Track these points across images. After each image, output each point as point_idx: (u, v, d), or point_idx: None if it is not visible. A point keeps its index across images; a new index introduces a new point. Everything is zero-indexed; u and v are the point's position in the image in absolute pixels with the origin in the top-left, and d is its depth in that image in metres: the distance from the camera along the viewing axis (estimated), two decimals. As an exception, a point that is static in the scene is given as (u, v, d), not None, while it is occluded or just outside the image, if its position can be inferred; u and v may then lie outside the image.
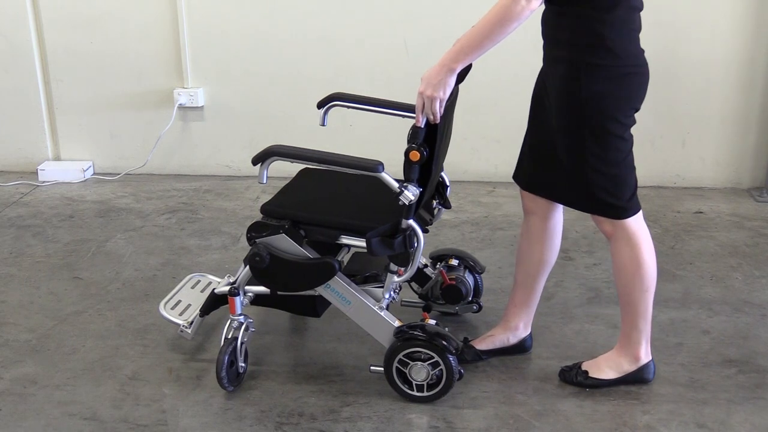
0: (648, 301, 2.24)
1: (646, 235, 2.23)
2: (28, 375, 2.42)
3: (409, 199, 2.05)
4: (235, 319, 2.34)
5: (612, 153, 2.12)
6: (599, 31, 2.01)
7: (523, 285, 2.41)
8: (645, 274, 2.21)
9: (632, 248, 2.20)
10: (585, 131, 2.09)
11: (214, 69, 4.03)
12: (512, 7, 1.90)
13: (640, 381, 2.32)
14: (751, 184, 3.96)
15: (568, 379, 2.34)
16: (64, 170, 4.11)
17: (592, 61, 2.03)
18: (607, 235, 2.24)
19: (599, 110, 2.06)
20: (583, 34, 2.03)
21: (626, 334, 2.30)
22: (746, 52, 3.77)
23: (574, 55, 2.05)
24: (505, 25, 1.92)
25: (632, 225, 2.19)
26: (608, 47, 2.02)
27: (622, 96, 2.08)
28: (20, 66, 4.08)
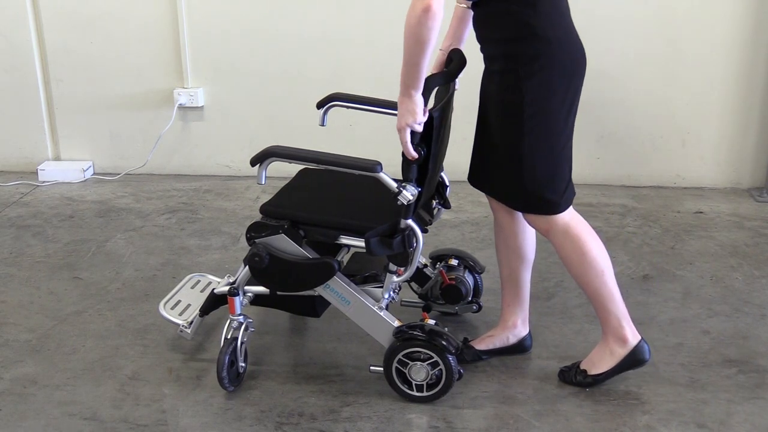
0: (607, 283, 2.23)
1: (581, 222, 2.24)
2: (28, 375, 2.42)
3: (407, 199, 2.05)
4: (234, 319, 2.34)
5: (549, 146, 2.13)
6: (527, 21, 2.04)
7: (509, 282, 2.42)
8: (593, 260, 2.21)
9: (572, 239, 2.20)
10: (522, 126, 2.10)
11: (214, 69, 4.03)
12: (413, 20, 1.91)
13: (639, 363, 2.29)
14: (751, 184, 3.96)
15: (568, 380, 2.34)
16: (64, 170, 4.11)
17: (525, 52, 2.06)
18: (543, 232, 2.24)
19: (536, 101, 2.08)
20: (512, 29, 2.06)
21: (604, 320, 2.29)
22: (746, 53, 3.77)
23: (508, 49, 2.08)
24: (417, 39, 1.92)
25: (566, 218, 2.20)
26: (539, 36, 2.04)
27: (558, 85, 2.09)
28: (20, 66, 4.08)
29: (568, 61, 2.11)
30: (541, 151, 2.13)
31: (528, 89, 2.07)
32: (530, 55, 2.06)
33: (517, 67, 2.07)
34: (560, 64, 2.08)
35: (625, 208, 3.69)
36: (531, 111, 2.09)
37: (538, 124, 2.10)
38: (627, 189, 3.93)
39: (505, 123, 2.14)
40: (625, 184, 3.99)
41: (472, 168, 2.32)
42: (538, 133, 2.11)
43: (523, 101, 2.08)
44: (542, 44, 2.05)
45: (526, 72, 2.06)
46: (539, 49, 2.06)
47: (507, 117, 2.13)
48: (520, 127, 2.11)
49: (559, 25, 2.09)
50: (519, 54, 2.07)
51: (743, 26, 3.73)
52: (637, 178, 3.96)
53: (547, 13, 2.06)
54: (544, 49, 2.06)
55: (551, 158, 2.15)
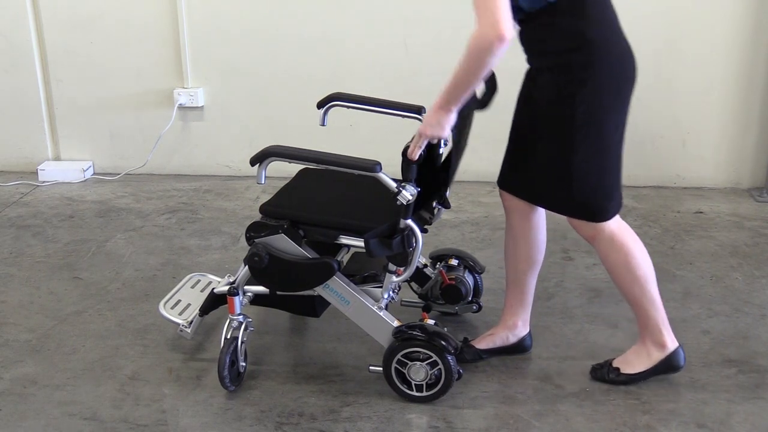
0: (650, 291, 2.24)
1: (627, 230, 2.24)
2: (28, 375, 2.42)
3: (406, 199, 2.05)
4: (234, 319, 2.34)
5: (599, 155, 2.12)
6: (578, 30, 2.03)
7: (514, 284, 2.42)
8: (637, 268, 2.22)
9: (617, 248, 2.21)
10: (574, 136, 2.08)
11: (214, 69, 4.03)
12: (483, 45, 1.89)
13: (672, 369, 2.31)
14: (751, 184, 3.96)
15: (600, 378, 2.34)
16: (64, 170, 4.11)
17: (577, 61, 2.04)
18: (589, 239, 2.24)
19: (589, 111, 2.06)
20: (563, 39, 2.04)
21: (643, 325, 2.30)
22: (746, 52, 3.77)
23: (559, 60, 2.06)
24: (481, 65, 1.92)
25: (612, 224, 2.20)
26: (590, 43, 2.03)
27: (611, 93, 2.08)
28: (20, 66, 4.08)
29: (620, 67, 2.09)
30: (592, 161, 2.11)
31: (581, 99, 2.04)
32: (582, 64, 2.03)
33: (569, 77, 2.04)
34: (612, 71, 2.06)
35: (625, 208, 3.65)
36: (583, 121, 2.06)
37: (589, 133, 2.08)
38: (627, 189, 3.88)
39: (555, 133, 2.11)
40: (625, 184, 3.90)
41: (504, 173, 2.30)
42: (590, 143, 2.09)
43: (576, 112, 2.05)
44: (593, 51, 2.03)
45: (579, 81, 2.04)
46: (591, 56, 2.03)
47: (557, 127, 2.10)
48: (571, 138, 2.08)
49: (609, 31, 2.07)
50: (571, 63, 2.04)
51: (743, 26, 3.73)
52: (637, 178, 3.96)
53: (597, 20, 2.04)
54: (595, 57, 2.03)
55: (602, 167, 2.13)
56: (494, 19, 1.85)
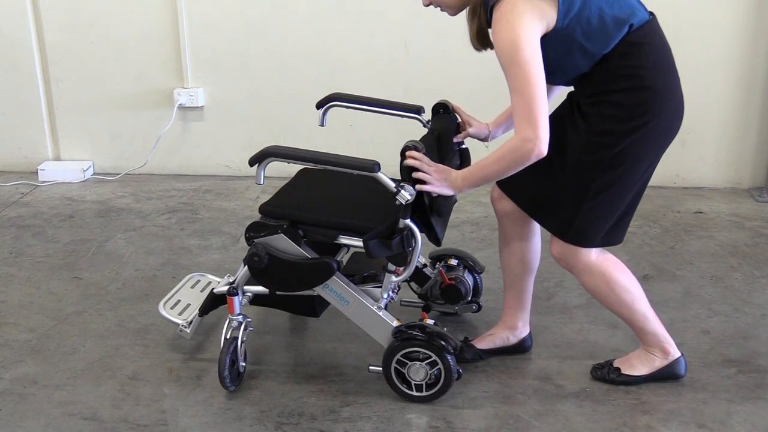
0: (639, 309, 2.24)
1: (605, 258, 2.21)
2: (28, 375, 2.42)
3: (405, 199, 2.05)
4: (234, 319, 2.34)
5: (622, 192, 2.09)
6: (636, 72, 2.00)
7: (511, 287, 2.42)
8: (621, 292, 2.21)
9: (595, 276, 2.19)
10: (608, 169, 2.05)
11: (214, 69, 4.03)
12: (522, 157, 1.94)
13: (673, 377, 2.32)
14: (751, 184, 3.96)
15: (600, 377, 2.35)
16: (64, 170, 4.11)
17: (635, 101, 2.01)
18: (566, 266, 2.22)
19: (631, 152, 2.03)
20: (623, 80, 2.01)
21: (643, 339, 2.31)
22: (746, 52, 3.77)
23: (617, 98, 2.01)
24: (515, 167, 1.98)
25: (591, 255, 2.18)
26: (649, 86, 2.01)
27: (657, 139, 2.06)
28: (20, 66, 4.08)
29: (672, 116, 2.07)
30: (610, 197, 2.08)
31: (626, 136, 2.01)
32: (638, 104, 2.00)
33: (621, 115, 2.01)
34: (664, 116, 2.04)
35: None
36: (619, 160, 2.03)
37: (619, 173, 2.05)
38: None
39: (586, 161, 2.07)
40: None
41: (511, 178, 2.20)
42: (615, 180, 2.06)
43: (616, 149, 2.02)
44: (651, 94, 2.01)
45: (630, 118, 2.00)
46: (648, 98, 2.01)
47: (590, 154, 2.06)
48: (600, 171, 2.05)
49: (668, 77, 2.05)
50: (627, 103, 2.01)
51: (743, 26, 3.73)
52: (637, 178, 3.95)
53: (655, 63, 2.03)
54: (652, 99, 2.01)
55: (614, 206, 2.11)
56: (536, 134, 1.90)
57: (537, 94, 1.90)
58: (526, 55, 1.89)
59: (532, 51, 1.90)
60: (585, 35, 1.97)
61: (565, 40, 1.98)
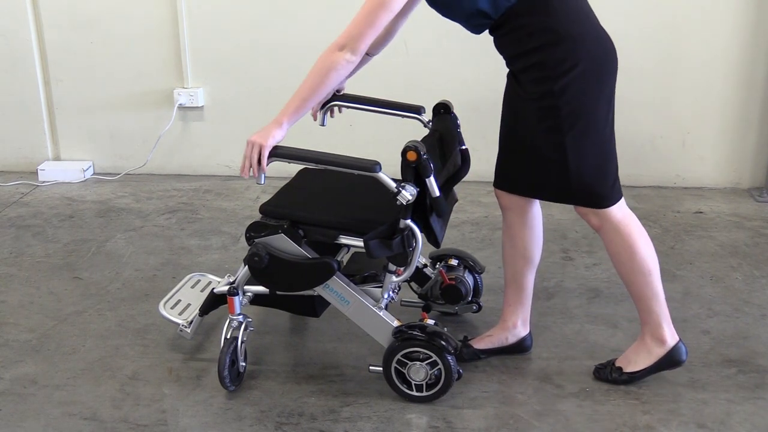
0: (653, 283, 2.25)
1: (633, 221, 2.24)
2: (28, 375, 2.42)
3: (406, 199, 2.05)
4: (234, 319, 2.34)
5: (591, 141, 2.14)
6: (547, 26, 2.06)
7: (512, 283, 2.42)
8: (642, 258, 2.22)
9: (622, 236, 2.21)
10: (563, 124, 2.10)
11: (214, 69, 4.03)
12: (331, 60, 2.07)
13: (675, 364, 2.31)
14: (751, 184, 3.96)
15: (603, 378, 2.35)
16: (64, 170, 4.11)
17: (553, 57, 2.06)
18: (595, 227, 2.25)
19: (572, 100, 2.08)
20: (536, 38, 2.07)
21: (644, 321, 2.31)
22: (746, 52, 3.77)
23: (538, 58, 2.08)
24: (327, 77, 2.09)
25: (617, 213, 2.21)
26: (562, 36, 2.05)
27: (591, 81, 2.10)
28: (20, 66, 4.08)
29: (596, 56, 2.11)
30: (584, 148, 2.13)
31: (561, 91, 2.07)
32: (558, 58, 2.06)
33: (547, 72, 2.07)
34: (589, 61, 2.09)
35: (625, 208, 3.69)
36: (567, 110, 2.09)
37: (577, 122, 2.10)
38: (627, 189, 3.87)
39: (544, 127, 2.12)
40: (625, 184, 3.92)
41: (499, 173, 2.31)
42: (579, 131, 2.11)
43: (559, 102, 2.08)
44: (567, 44, 2.06)
45: (557, 74, 2.06)
46: (566, 49, 2.06)
47: (545, 121, 2.12)
48: (559, 128, 2.10)
49: (580, 22, 2.10)
50: (548, 60, 2.07)
51: (743, 26, 3.73)
52: (637, 178, 3.96)
53: (564, 13, 2.07)
54: (570, 49, 2.06)
55: (594, 154, 2.15)
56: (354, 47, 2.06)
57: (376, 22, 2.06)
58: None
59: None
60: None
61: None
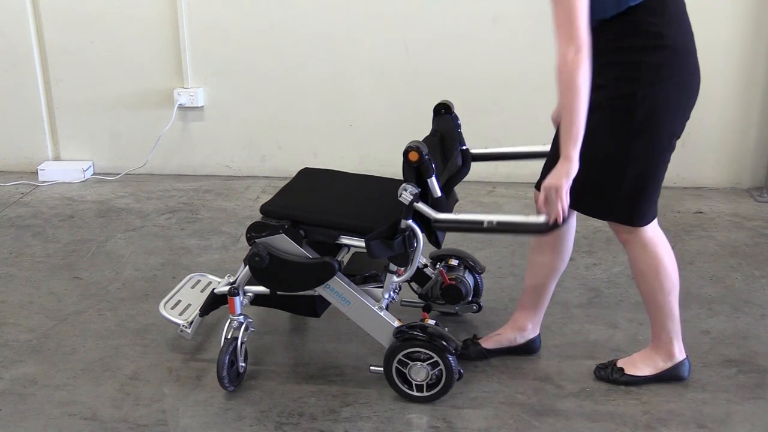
0: (672, 302, 2.24)
1: (662, 239, 2.23)
2: (28, 375, 2.42)
3: (407, 200, 2.05)
4: (234, 319, 2.34)
5: (653, 156, 2.09)
6: (656, 30, 1.98)
7: (532, 289, 2.41)
8: (665, 277, 2.21)
9: (649, 254, 2.20)
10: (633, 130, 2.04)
11: (214, 69, 4.03)
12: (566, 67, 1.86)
13: (676, 379, 2.32)
14: (751, 184, 3.96)
15: (604, 377, 2.35)
16: (64, 170, 4.11)
17: (649, 61, 1.98)
18: (624, 242, 2.23)
19: (652, 111, 2.01)
20: (640, 36, 1.98)
21: (656, 334, 2.31)
22: (746, 53, 3.77)
23: (635, 57, 1.99)
24: (575, 89, 1.88)
25: (648, 231, 2.19)
26: (667, 45, 1.98)
27: (677, 98, 2.05)
28: (20, 66, 4.08)
29: (689, 77, 2.06)
30: (644, 165, 2.08)
31: (644, 98, 2.00)
32: (655, 65, 1.98)
33: (639, 75, 1.99)
34: (682, 78, 2.03)
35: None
36: (642, 117, 2.01)
37: (646, 133, 2.04)
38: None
39: (612, 132, 2.06)
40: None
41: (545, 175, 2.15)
42: (645, 146, 2.06)
43: (637, 108, 2.01)
44: (669, 54, 1.99)
45: (649, 79, 1.99)
46: (666, 59, 1.99)
47: (615, 124, 2.05)
48: (628, 133, 2.04)
49: (686, 40, 2.04)
50: (642, 62, 1.98)
51: (743, 26, 3.73)
52: (637, 178, 3.95)
53: (677, 23, 2.01)
54: (670, 60, 2.00)
55: (650, 173, 2.11)
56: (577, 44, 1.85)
57: (578, 2, 1.84)
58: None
59: None
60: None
61: None
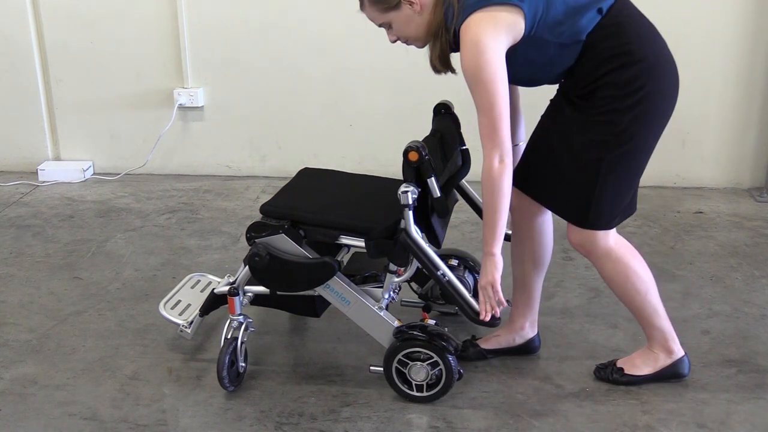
0: (651, 301, 2.24)
1: (624, 243, 2.23)
2: (28, 375, 2.42)
3: (408, 201, 2.05)
4: (234, 319, 2.34)
5: (630, 165, 2.11)
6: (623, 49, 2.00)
7: (521, 286, 2.42)
8: (637, 280, 2.22)
9: (614, 260, 2.20)
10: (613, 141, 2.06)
11: (214, 69, 4.03)
12: (492, 174, 2.00)
13: (676, 376, 2.32)
14: (751, 184, 3.96)
15: (603, 377, 2.35)
16: (64, 170, 4.11)
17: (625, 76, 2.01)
18: (588, 254, 2.23)
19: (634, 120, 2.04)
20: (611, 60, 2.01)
21: (649, 334, 2.31)
22: (746, 52, 3.77)
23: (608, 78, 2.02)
24: (500, 191, 2.01)
25: (610, 238, 2.19)
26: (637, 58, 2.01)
27: (658, 110, 2.08)
28: (20, 66, 4.08)
29: (666, 84, 2.08)
30: (621, 178, 2.11)
31: (627, 108, 2.02)
32: (629, 77, 2.01)
33: (616, 92, 2.02)
34: (658, 87, 2.05)
35: (625, 208, 3.69)
36: (622, 128, 2.04)
37: (626, 143, 2.06)
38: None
39: (589, 140, 2.07)
40: (625, 184, 3.98)
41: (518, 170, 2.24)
42: (626, 160, 2.08)
43: (620, 119, 2.03)
44: (641, 67, 2.01)
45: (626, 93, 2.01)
46: (637, 69, 2.01)
47: (594, 134, 2.06)
48: (607, 144, 2.06)
49: (655, 46, 2.06)
50: (619, 80, 2.01)
51: (743, 26, 3.73)
52: (637, 178, 3.95)
53: (636, 34, 2.03)
54: (644, 72, 2.02)
55: (625, 184, 2.14)
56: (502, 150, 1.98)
57: (500, 113, 1.96)
58: (489, 74, 1.94)
59: (495, 70, 1.94)
60: (555, 34, 2.00)
61: (539, 44, 2.01)
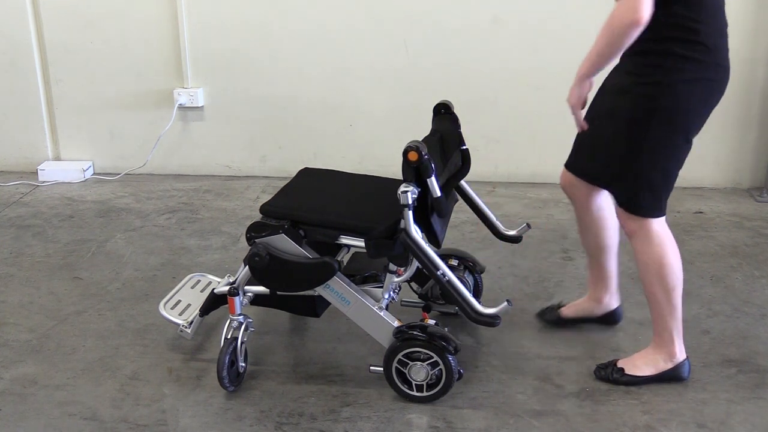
0: (674, 300, 2.25)
1: (669, 236, 2.26)
2: (28, 375, 2.42)
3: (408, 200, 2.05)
4: (234, 319, 2.34)
5: (672, 148, 2.13)
6: (693, 27, 2.02)
7: (592, 265, 2.51)
8: (668, 273, 2.23)
9: (655, 247, 2.22)
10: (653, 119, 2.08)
11: (214, 69, 4.03)
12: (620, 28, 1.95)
13: (676, 379, 2.33)
14: (751, 184, 3.96)
15: (604, 377, 2.35)
16: (64, 170, 4.11)
17: (683, 53, 2.03)
18: (630, 232, 2.25)
19: (675, 100, 2.06)
20: (677, 29, 2.02)
21: (658, 333, 2.31)
22: (746, 52, 3.77)
23: (666, 46, 2.03)
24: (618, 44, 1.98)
25: (655, 225, 2.22)
26: (702, 41, 2.02)
27: (703, 97, 2.09)
28: (20, 66, 4.08)
29: (719, 73, 2.09)
30: (659, 152, 2.13)
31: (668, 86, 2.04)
32: (686, 56, 2.03)
33: (666, 63, 2.04)
34: (711, 74, 2.07)
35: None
36: (664, 108, 2.06)
37: (667, 123, 2.08)
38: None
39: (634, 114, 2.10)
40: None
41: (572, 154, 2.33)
42: (666, 132, 2.10)
43: (660, 98, 2.05)
44: (700, 50, 2.03)
45: (677, 68, 2.03)
46: (695, 53, 2.03)
47: (638, 108, 2.10)
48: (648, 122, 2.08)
49: (720, 35, 2.08)
50: (676, 52, 2.03)
51: (743, 26, 3.73)
52: (637, 178, 3.96)
53: (713, 18, 2.05)
54: (700, 56, 2.03)
55: (663, 168, 2.16)
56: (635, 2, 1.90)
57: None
58: None
59: None
60: None
61: None
